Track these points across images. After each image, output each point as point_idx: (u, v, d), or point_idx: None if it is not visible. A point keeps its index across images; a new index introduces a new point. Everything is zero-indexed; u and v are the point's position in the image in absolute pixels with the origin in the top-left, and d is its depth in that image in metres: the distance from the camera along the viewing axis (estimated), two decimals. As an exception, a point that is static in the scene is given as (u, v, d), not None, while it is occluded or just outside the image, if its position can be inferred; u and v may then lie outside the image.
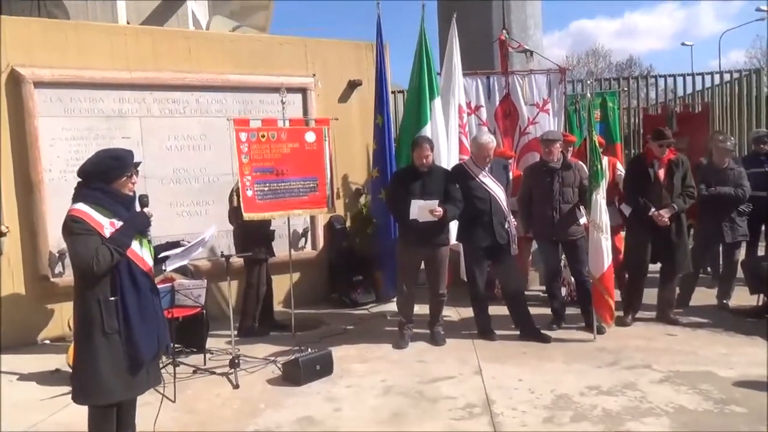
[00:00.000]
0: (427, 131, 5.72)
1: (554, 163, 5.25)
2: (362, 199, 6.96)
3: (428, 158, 5.00)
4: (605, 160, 6.13)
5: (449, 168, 5.47)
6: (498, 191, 5.09)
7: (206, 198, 6.16)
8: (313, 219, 6.64)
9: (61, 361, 4.59)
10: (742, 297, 5.79)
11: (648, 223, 5.17)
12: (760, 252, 6.42)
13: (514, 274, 5.29)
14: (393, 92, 7.91)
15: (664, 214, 5.13)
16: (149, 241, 2.94)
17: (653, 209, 5.14)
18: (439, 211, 4.82)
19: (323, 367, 4.41)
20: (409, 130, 5.86)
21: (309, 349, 4.53)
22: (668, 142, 5.21)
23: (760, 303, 5.58)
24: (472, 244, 5.17)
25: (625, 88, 9.73)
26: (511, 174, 5.65)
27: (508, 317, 5.33)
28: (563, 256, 5.49)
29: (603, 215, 4.91)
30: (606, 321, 5.03)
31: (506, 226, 5.11)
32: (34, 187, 5.36)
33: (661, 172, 5.24)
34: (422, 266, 5.21)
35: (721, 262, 6.12)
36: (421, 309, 5.33)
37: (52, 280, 5.45)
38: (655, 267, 5.48)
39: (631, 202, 5.34)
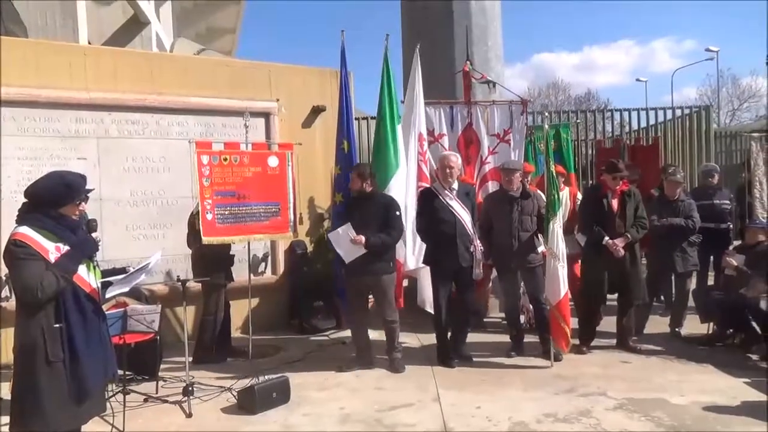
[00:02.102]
0: (398, 156, 5.79)
1: (514, 192, 5.34)
2: (325, 224, 6.93)
3: (361, 185, 5.02)
4: (566, 190, 6.28)
5: (414, 194, 5.52)
6: (464, 214, 5.14)
7: (164, 221, 6.04)
8: (273, 244, 6.57)
9: (4, 390, 4.38)
10: (693, 325, 5.94)
11: (603, 252, 5.30)
12: (710, 282, 6.62)
13: (472, 298, 5.32)
14: (357, 119, 7.96)
15: (619, 244, 5.27)
16: (96, 266, 2.86)
17: (607, 238, 5.28)
18: (360, 239, 4.83)
19: (280, 395, 4.32)
20: (379, 155, 5.90)
21: (266, 377, 4.45)
22: (622, 175, 5.38)
23: (710, 331, 5.74)
24: (438, 266, 5.19)
25: (579, 121, 10.03)
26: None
27: (471, 343, 5.36)
28: (522, 283, 5.56)
29: (560, 243, 5.02)
30: (562, 348, 5.10)
31: (471, 250, 5.15)
32: (-18, 207, 5.18)
33: (615, 203, 5.40)
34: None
35: (673, 292, 6.29)
36: (381, 336, 5.30)
37: (-2, 304, 5.23)
38: (613, 296, 5.60)
39: (586, 231, 5.47)
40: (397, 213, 5.08)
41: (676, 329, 5.96)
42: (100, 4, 13.10)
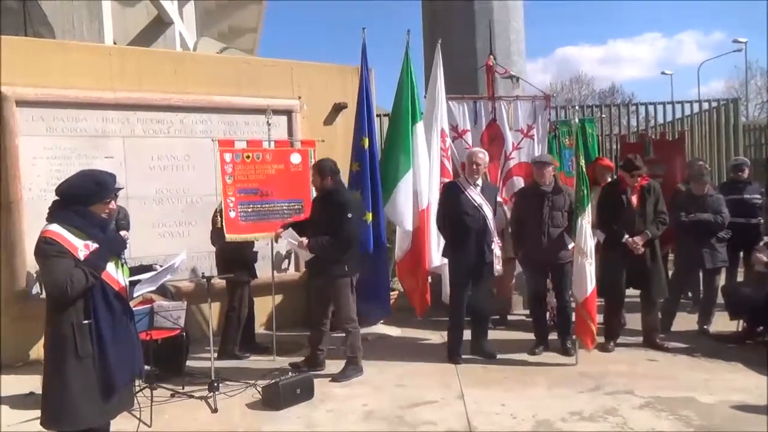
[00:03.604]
0: (411, 156, 5.77)
1: (545, 187, 5.28)
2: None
3: (320, 182, 4.87)
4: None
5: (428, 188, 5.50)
6: (488, 211, 5.11)
7: (189, 219, 6.11)
8: (296, 241, 6.59)
9: (36, 384, 4.48)
10: (722, 323, 5.82)
11: (622, 249, 5.21)
12: (740, 278, 6.49)
13: (489, 294, 5.29)
14: (378, 115, 7.96)
15: (639, 242, 5.18)
16: (124, 264, 2.90)
17: (627, 236, 5.19)
18: (302, 242, 4.75)
19: (304, 391, 4.35)
20: (390, 153, 5.90)
21: (290, 373, 4.47)
22: (639, 173, 5.27)
23: (740, 329, 5.62)
24: (459, 260, 5.15)
25: (604, 115, 9.90)
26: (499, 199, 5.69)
27: (495, 341, 5.33)
28: (548, 280, 5.50)
29: (588, 240, 4.93)
30: (587, 346, 5.03)
31: (492, 246, 5.11)
32: (13, 206, 5.29)
33: (634, 198, 5.31)
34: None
35: (701, 288, 6.17)
36: (404, 332, 5.30)
37: (30, 300, 5.34)
38: (636, 292, 5.51)
39: (604, 229, 5.38)
40: (349, 215, 4.72)
41: (705, 326, 5.84)
42: (125, 5, 13.29)
